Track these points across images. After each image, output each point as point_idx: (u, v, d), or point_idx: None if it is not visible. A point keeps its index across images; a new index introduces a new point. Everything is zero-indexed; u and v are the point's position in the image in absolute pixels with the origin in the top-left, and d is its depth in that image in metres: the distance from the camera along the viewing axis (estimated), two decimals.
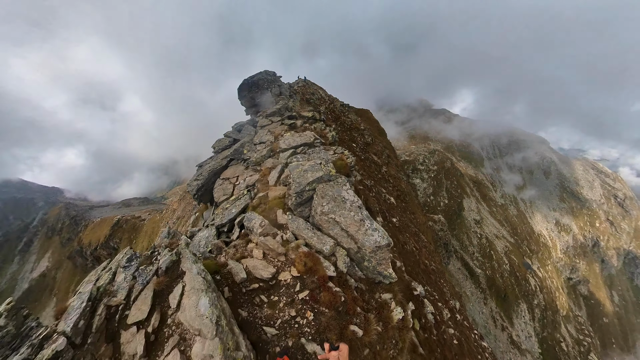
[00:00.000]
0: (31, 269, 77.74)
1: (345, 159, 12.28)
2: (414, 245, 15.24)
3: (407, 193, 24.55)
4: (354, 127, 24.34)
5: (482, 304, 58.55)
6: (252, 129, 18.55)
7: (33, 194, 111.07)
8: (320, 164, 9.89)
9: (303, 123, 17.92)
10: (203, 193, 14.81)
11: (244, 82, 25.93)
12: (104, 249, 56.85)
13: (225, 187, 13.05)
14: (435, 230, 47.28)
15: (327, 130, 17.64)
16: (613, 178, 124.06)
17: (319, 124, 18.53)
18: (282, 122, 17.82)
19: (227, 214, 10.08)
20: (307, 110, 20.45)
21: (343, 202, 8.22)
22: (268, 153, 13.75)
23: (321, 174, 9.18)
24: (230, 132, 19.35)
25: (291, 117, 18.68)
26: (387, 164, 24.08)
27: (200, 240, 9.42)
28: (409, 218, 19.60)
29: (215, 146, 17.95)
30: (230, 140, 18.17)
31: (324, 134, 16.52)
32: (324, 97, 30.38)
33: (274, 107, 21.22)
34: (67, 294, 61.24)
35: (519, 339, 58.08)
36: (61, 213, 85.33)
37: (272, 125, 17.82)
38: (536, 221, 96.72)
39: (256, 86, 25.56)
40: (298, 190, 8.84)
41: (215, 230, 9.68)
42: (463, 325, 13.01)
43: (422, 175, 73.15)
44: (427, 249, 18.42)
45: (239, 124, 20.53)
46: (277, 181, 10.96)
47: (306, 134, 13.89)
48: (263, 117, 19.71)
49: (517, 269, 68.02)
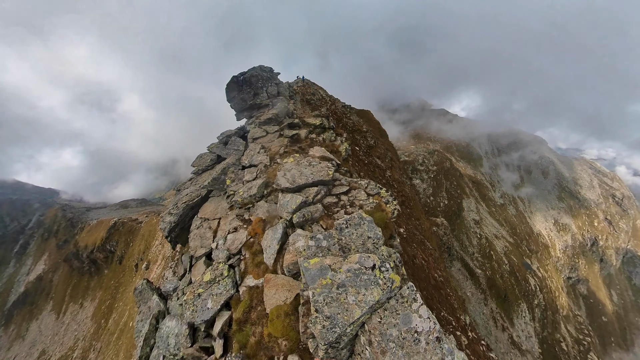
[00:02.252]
0: (27, 271, 76.73)
1: (384, 206, 8.19)
2: (423, 257, 14.76)
3: (411, 198, 24.10)
4: (356, 129, 23.62)
5: (483, 304, 58.43)
6: (241, 143, 14.52)
7: (29, 195, 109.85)
8: (374, 270, 5.27)
9: (308, 133, 14.25)
10: (179, 233, 11.19)
11: (232, 79, 21.14)
12: (101, 252, 56.12)
13: (203, 232, 9.83)
14: (439, 235, 46.98)
15: (339, 142, 14.29)
16: (611, 177, 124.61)
17: (328, 133, 14.89)
18: (280, 132, 14.34)
19: (201, 307, 7.06)
20: (313, 116, 16.70)
21: (416, 341, 4.62)
22: (260, 191, 9.81)
23: (378, 295, 4.95)
24: (214, 146, 15.06)
25: (293, 125, 15.06)
26: (391, 167, 23.53)
27: (168, 334, 7.04)
28: (414, 224, 19.15)
29: (195, 165, 14.07)
30: (213, 157, 14.11)
31: (336, 147, 13.36)
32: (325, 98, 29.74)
33: (270, 111, 17.06)
34: (63, 298, 60.42)
35: (520, 339, 58.07)
36: (57, 215, 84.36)
37: (268, 137, 14.24)
38: (535, 221, 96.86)
39: (248, 85, 21.07)
40: (331, 340, 4.68)
41: (187, 328, 6.93)
42: (474, 342, 12.65)
43: (422, 176, 72.92)
44: (433, 256, 18.02)
45: (225, 135, 16.15)
46: (277, 261, 7.18)
47: (315, 158, 10.62)
48: (256, 126, 15.83)
49: (516, 269, 67.99)
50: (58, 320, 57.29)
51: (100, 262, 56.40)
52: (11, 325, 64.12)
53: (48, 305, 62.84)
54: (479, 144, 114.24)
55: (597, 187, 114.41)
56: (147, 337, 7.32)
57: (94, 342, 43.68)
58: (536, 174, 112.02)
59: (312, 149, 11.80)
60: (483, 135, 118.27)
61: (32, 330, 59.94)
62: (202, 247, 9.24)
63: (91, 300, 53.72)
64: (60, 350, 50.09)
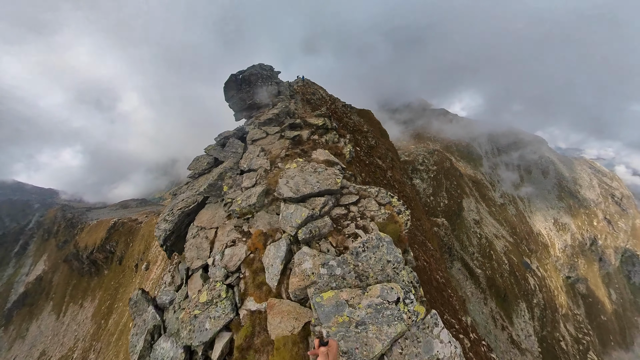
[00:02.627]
0: (27, 272, 76.67)
1: (397, 217, 7.62)
2: (425, 258, 14.75)
3: (412, 198, 24.11)
4: (357, 129, 23.59)
5: (483, 304, 58.56)
6: (240, 145, 13.68)
7: (29, 195, 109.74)
8: (398, 304, 4.85)
9: (310, 134, 13.76)
10: (175, 241, 10.49)
11: (231, 77, 20.68)
12: (101, 252, 56.07)
13: (199, 243, 9.11)
14: (441, 236, 46.96)
15: (342, 144, 13.72)
16: (610, 177, 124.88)
17: (331, 134, 14.32)
18: (281, 134, 13.82)
19: (199, 328, 6.42)
20: (315, 115, 16.16)
21: None
22: (260, 200, 8.94)
23: (402, 329, 4.58)
24: (211, 148, 14.16)
25: (294, 126, 14.58)
26: (392, 167, 23.52)
27: (163, 356, 6.56)
28: (415, 225, 19.18)
29: (192, 168, 13.21)
30: (210, 160, 13.23)
31: (339, 149, 12.93)
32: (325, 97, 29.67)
33: (270, 111, 16.39)
34: (63, 299, 60.39)
35: (519, 338, 58.24)
36: (57, 215, 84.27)
37: (268, 139, 13.63)
38: (535, 220, 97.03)
39: (247, 83, 20.53)
40: None
41: (183, 352, 6.32)
42: (476, 344, 12.70)
43: (422, 176, 72.97)
44: (434, 257, 18.02)
45: (222, 136, 15.30)
46: (281, 283, 6.46)
47: (320, 162, 9.92)
48: (255, 127, 15.18)
49: (516, 268, 68.15)
50: (58, 321, 57.28)
51: (100, 262, 56.36)
52: (11, 326, 64.10)
53: (48, 306, 62.82)
54: (479, 143, 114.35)
55: (597, 187, 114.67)
56: (141, 354, 6.95)
57: (94, 342, 43.71)
58: (536, 173, 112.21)
59: (315, 151, 11.17)
60: (483, 134, 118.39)
61: (32, 331, 59.93)
62: (199, 258, 8.61)
63: (91, 300, 53.70)
64: (60, 350, 50.09)
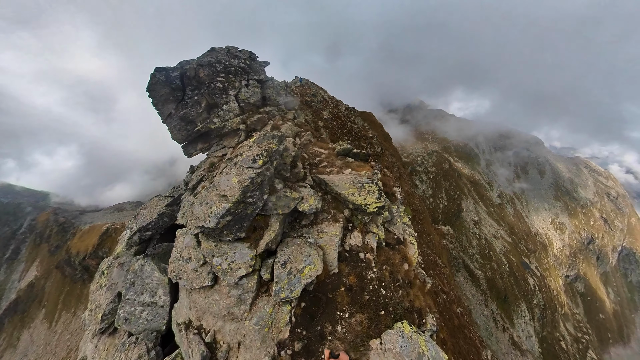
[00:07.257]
0: (19, 278, 74.58)
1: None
2: (442, 288, 13.81)
3: (421, 211, 23.13)
4: (362, 135, 22.25)
5: (483, 306, 58.26)
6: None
7: (21, 198, 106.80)
8: None
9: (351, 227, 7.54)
10: None
11: (156, 77, 10.88)
12: (93, 258, 54.57)
13: None
14: (449, 249, 46.17)
15: (412, 253, 7.68)
16: (605, 176, 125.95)
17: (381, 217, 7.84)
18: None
19: None
20: (340, 154, 9.48)
21: None
22: None
23: None
24: (162, 206, 8.50)
25: (297, 176, 8.13)
26: (400, 177, 22.47)
27: None
28: (425, 242, 18.20)
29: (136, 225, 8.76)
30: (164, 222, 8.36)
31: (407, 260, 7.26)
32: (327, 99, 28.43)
33: (245, 152, 7.74)
34: (56, 306, 58.69)
35: (520, 339, 58.05)
36: (49, 219, 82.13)
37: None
38: (533, 220, 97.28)
39: (197, 85, 10.71)
40: None
41: None
42: None
43: (421, 177, 72.50)
44: (445, 275, 17.22)
45: (174, 191, 9.73)
46: None
47: None
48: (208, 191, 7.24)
49: (516, 269, 68.03)
50: (50, 330, 55.62)
51: (92, 269, 54.81)
52: (2, 334, 62.22)
53: (40, 314, 61.05)
54: (476, 143, 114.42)
55: (593, 186, 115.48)
56: None
57: None
58: (533, 173, 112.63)
59: None
60: (480, 134, 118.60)
61: (23, 340, 58.15)
62: None
63: (84, 309, 52.22)
64: None
